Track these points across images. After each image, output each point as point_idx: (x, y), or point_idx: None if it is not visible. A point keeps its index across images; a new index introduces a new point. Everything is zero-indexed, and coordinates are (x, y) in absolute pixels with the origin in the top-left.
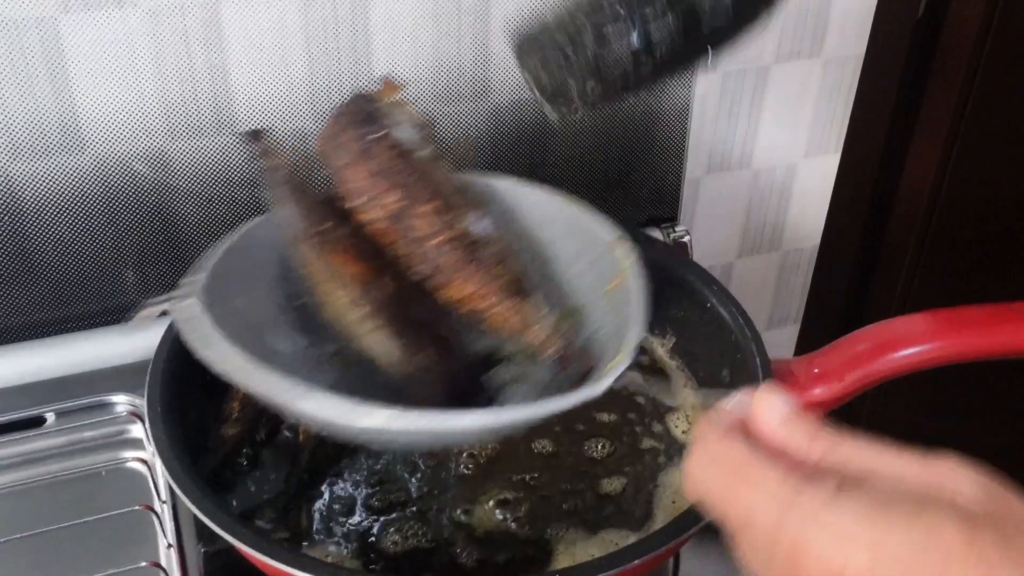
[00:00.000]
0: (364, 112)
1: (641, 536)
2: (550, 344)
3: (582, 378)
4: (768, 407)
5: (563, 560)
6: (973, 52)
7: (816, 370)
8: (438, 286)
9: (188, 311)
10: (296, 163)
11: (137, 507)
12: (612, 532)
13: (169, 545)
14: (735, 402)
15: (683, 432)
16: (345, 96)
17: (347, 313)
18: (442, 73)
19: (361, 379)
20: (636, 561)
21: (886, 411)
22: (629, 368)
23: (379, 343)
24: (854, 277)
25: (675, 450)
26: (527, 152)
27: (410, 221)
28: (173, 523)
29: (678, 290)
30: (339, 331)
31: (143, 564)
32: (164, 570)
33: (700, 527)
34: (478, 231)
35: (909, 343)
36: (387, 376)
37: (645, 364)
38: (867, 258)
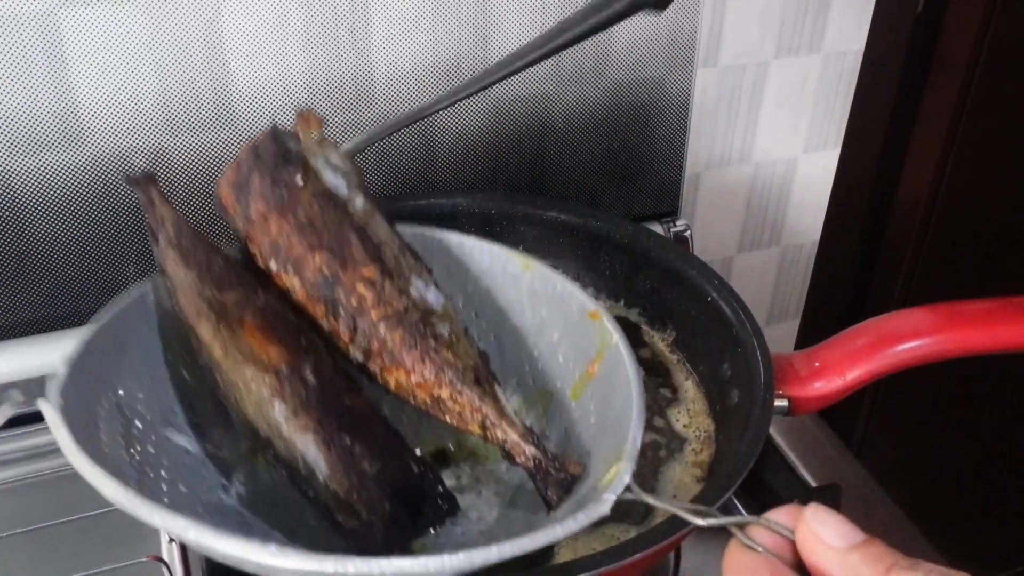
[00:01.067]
0: (281, 152)
1: (642, 530)
2: (520, 450)
3: (568, 484)
4: (821, 532)
5: (564, 554)
6: (973, 46)
7: (817, 364)
8: (380, 371)
9: (45, 413)
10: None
11: None
12: (613, 526)
13: (171, 539)
14: (771, 524)
15: (684, 426)
16: (336, 94)
17: (261, 410)
18: (441, 68)
19: (278, 495)
20: (637, 555)
21: (888, 408)
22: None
23: (303, 450)
24: (854, 272)
25: (676, 444)
26: (528, 147)
27: (343, 290)
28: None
29: (678, 284)
30: (251, 432)
31: (144, 559)
32: (166, 564)
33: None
34: (428, 302)
35: (909, 337)
36: (314, 491)
37: (646, 358)
38: (867, 253)
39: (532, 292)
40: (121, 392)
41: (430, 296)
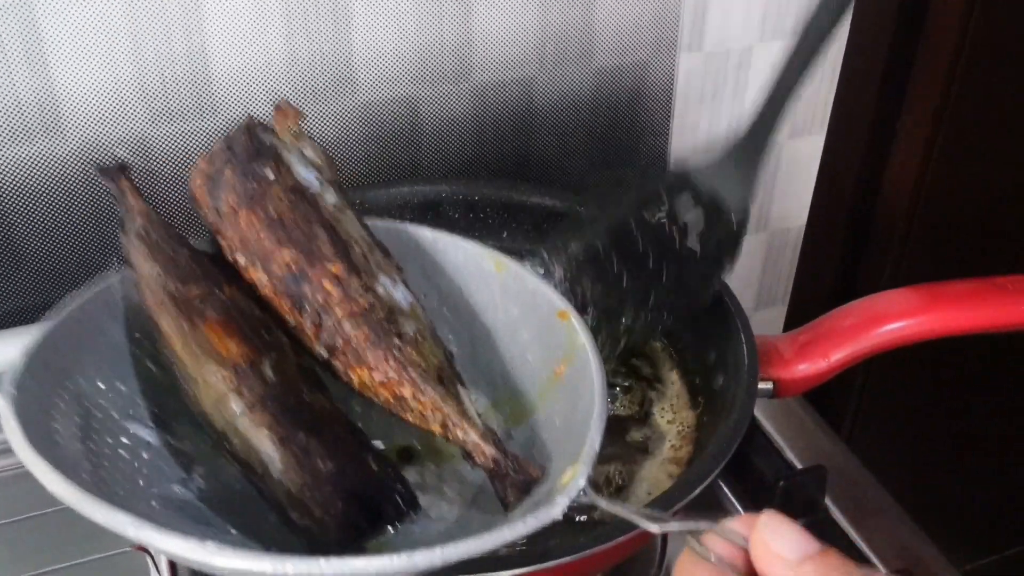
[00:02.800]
0: (255, 145)
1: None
2: (480, 451)
3: (526, 487)
4: (774, 544)
5: None
6: (960, 28)
7: (801, 346)
8: (344, 369)
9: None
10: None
11: None
12: None
13: None
14: (726, 533)
15: (667, 422)
16: (317, 81)
17: (218, 406)
18: (424, 53)
19: (238, 491)
20: (613, 542)
21: (878, 392)
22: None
23: (258, 447)
24: (842, 257)
25: (656, 441)
26: (511, 133)
27: (310, 285)
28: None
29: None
30: (209, 427)
31: (128, 548)
32: (150, 554)
33: (682, 506)
34: (394, 300)
35: (893, 318)
36: (268, 488)
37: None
38: (855, 238)
39: (505, 290)
40: (82, 382)
41: (397, 294)
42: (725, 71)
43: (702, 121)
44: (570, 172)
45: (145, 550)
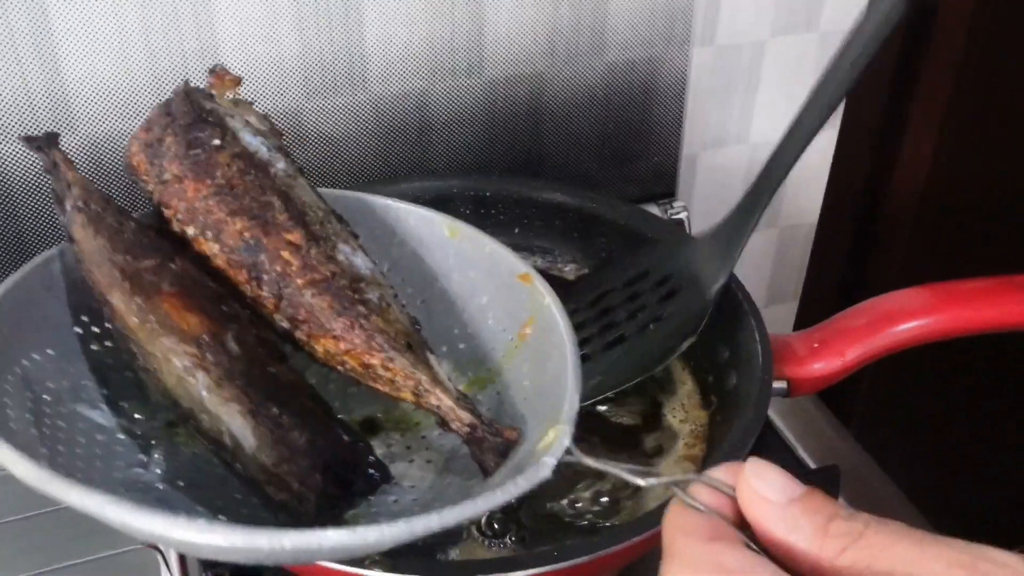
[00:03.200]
0: (197, 111)
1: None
2: (455, 416)
3: (504, 450)
4: (760, 488)
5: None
6: (971, 23)
7: (815, 345)
8: (306, 339)
9: None
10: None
11: None
12: None
13: None
14: (712, 482)
15: (680, 421)
16: (329, 75)
17: (182, 382)
18: (436, 48)
19: (199, 469)
20: (627, 542)
21: (886, 389)
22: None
23: (228, 422)
24: (853, 253)
25: (669, 441)
26: (523, 128)
27: (267, 255)
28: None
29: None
30: (172, 405)
31: (138, 545)
32: (160, 551)
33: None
34: (356, 267)
35: (909, 317)
36: (241, 464)
37: None
38: (865, 233)
39: (460, 255)
40: (27, 364)
41: (358, 261)
42: (738, 66)
43: (714, 116)
44: (581, 168)
45: (156, 547)
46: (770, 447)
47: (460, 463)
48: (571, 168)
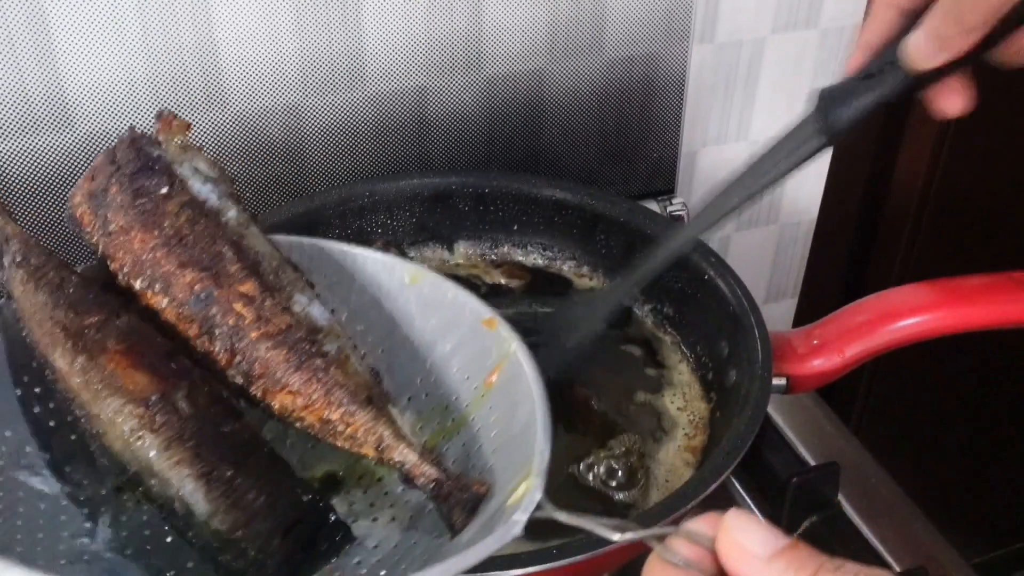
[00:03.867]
0: (144, 159)
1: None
2: (419, 472)
3: (472, 505)
4: (742, 539)
5: None
6: None
7: (815, 342)
8: (262, 395)
9: None
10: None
11: None
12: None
13: None
14: (691, 535)
15: (678, 409)
16: (327, 74)
17: (129, 445)
18: (434, 44)
19: (150, 536)
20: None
21: (886, 386)
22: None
23: (179, 487)
24: (852, 250)
25: (669, 428)
26: (522, 125)
27: (219, 308)
28: None
29: (674, 262)
30: (119, 469)
31: None
32: None
33: (697, 502)
34: (313, 318)
35: (909, 314)
36: (193, 531)
37: (639, 338)
38: (865, 230)
39: (422, 300)
40: None
41: (315, 312)
42: (738, 63)
43: (714, 113)
44: (580, 164)
45: None
46: (770, 445)
47: (427, 520)
48: (570, 165)
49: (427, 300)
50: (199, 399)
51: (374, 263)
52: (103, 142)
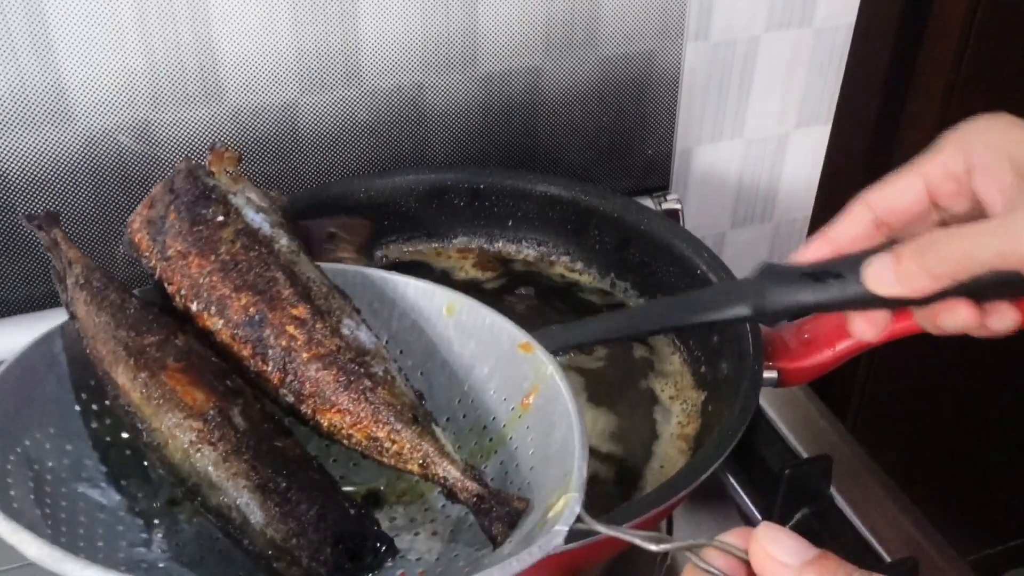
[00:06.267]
0: (200, 188)
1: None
2: (462, 487)
3: (512, 519)
4: (774, 551)
5: None
6: (966, 18)
7: (806, 336)
8: (312, 413)
9: None
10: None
11: None
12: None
13: None
14: (724, 546)
15: (670, 398)
16: (323, 68)
17: (188, 457)
18: (430, 41)
19: (203, 545)
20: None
21: (881, 382)
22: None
23: (236, 497)
24: None
25: (662, 417)
26: (517, 122)
27: (272, 331)
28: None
29: (668, 257)
30: (177, 481)
31: None
32: None
33: (688, 491)
34: (361, 341)
35: None
36: (249, 539)
37: None
38: None
39: (460, 326)
40: (28, 443)
41: (362, 335)
42: (732, 61)
43: (709, 111)
44: (576, 160)
45: None
46: (762, 437)
47: (467, 534)
48: (566, 161)
49: (465, 325)
50: (253, 415)
51: (415, 290)
52: (100, 137)
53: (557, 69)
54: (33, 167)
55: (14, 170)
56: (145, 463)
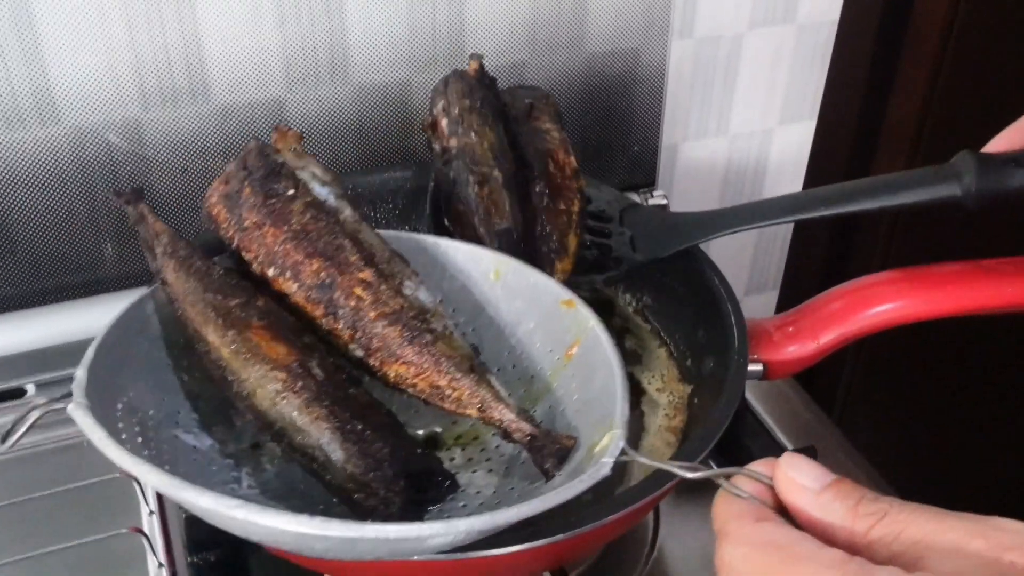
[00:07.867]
0: (270, 165)
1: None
2: (517, 427)
3: (562, 455)
4: (796, 476)
5: None
6: (947, 14)
7: (791, 328)
8: (379, 365)
9: (76, 416)
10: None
11: (118, 474)
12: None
13: (151, 512)
14: (752, 473)
15: (657, 390)
16: (310, 65)
17: (275, 405)
18: (417, 38)
19: (285, 483)
20: (611, 516)
21: (868, 375)
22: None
23: (319, 438)
24: (833, 243)
25: (649, 409)
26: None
27: (341, 292)
28: (155, 490)
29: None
30: (265, 426)
31: (124, 530)
32: (146, 536)
33: (675, 484)
34: (421, 301)
35: (881, 300)
36: (331, 475)
37: (618, 326)
38: (845, 224)
39: (506, 286)
40: (132, 394)
41: (422, 295)
42: (716, 58)
43: (694, 107)
44: None
45: (141, 531)
46: (748, 430)
47: (520, 470)
48: None
49: (511, 285)
50: (327, 367)
51: (464, 253)
52: (88, 135)
53: (543, 66)
54: (21, 164)
55: (2, 168)
56: (231, 412)
